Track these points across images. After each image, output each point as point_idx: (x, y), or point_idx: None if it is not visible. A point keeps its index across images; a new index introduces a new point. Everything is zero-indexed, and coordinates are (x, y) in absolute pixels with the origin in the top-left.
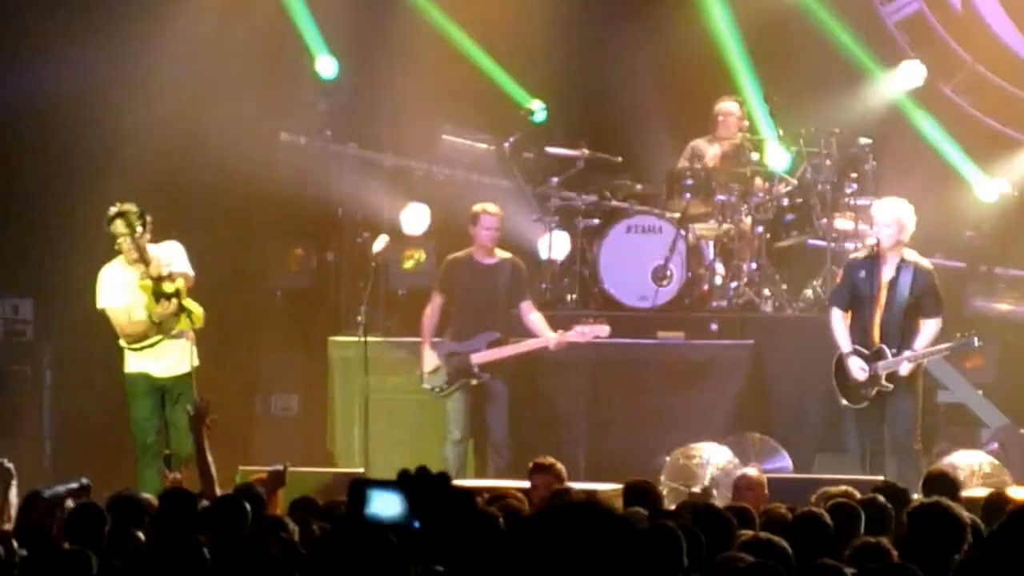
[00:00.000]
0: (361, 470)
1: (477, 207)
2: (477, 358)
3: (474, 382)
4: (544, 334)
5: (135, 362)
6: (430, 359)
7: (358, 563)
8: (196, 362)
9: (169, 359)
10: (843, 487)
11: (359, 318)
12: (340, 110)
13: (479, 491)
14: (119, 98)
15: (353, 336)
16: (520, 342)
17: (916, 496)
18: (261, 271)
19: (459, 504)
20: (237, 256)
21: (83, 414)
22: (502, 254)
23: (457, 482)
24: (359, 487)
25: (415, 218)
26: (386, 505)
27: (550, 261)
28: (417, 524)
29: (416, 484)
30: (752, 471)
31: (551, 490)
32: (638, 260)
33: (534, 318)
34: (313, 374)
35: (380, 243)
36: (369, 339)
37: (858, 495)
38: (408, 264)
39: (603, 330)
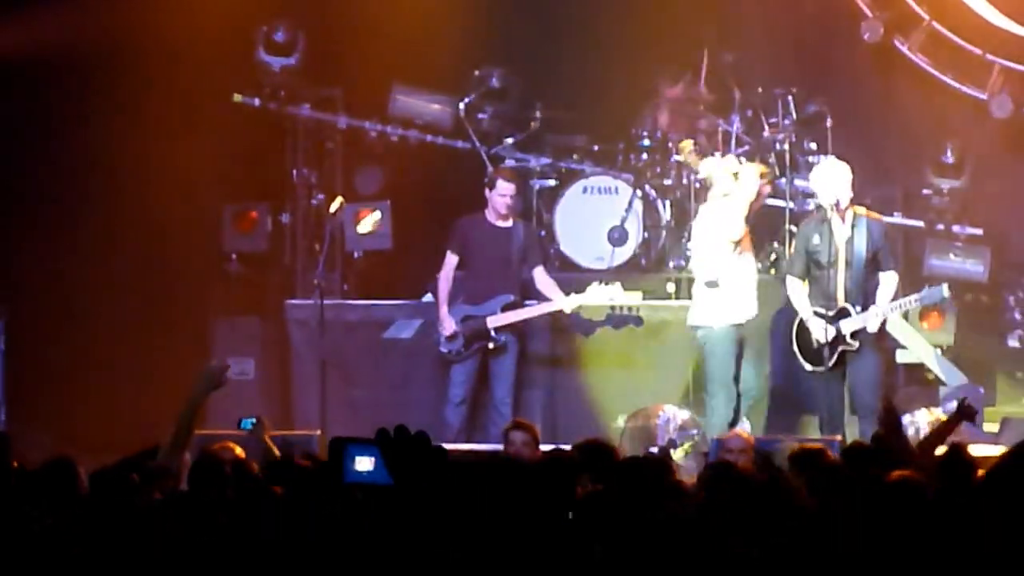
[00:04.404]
0: (318, 432)
1: (494, 171)
2: (493, 321)
3: (491, 345)
4: (557, 297)
5: None
6: (448, 323)
7: None
8: None
9: None
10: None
11: (315, 280)
12: (294, 71)
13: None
14: (71, 65)
15: (309, 299)
16: (535, 305)
17: None
18: (215, 234)
19: (435, 462)
20: (191, 219)
21: (37, 382)
22: (514, 217)
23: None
24: (338, 446)
25: (369, 179)
26: (363, 463)
27: None
28: (391, 481)
29: (394, 443)
30: (743, 432)
31: (529, 448)
32: (594, 221)
33: (547, 282)
34: (269, 337)
35: (335, 205)
36: (325, 301)
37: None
38: (363, 226)
39: (617, 291)
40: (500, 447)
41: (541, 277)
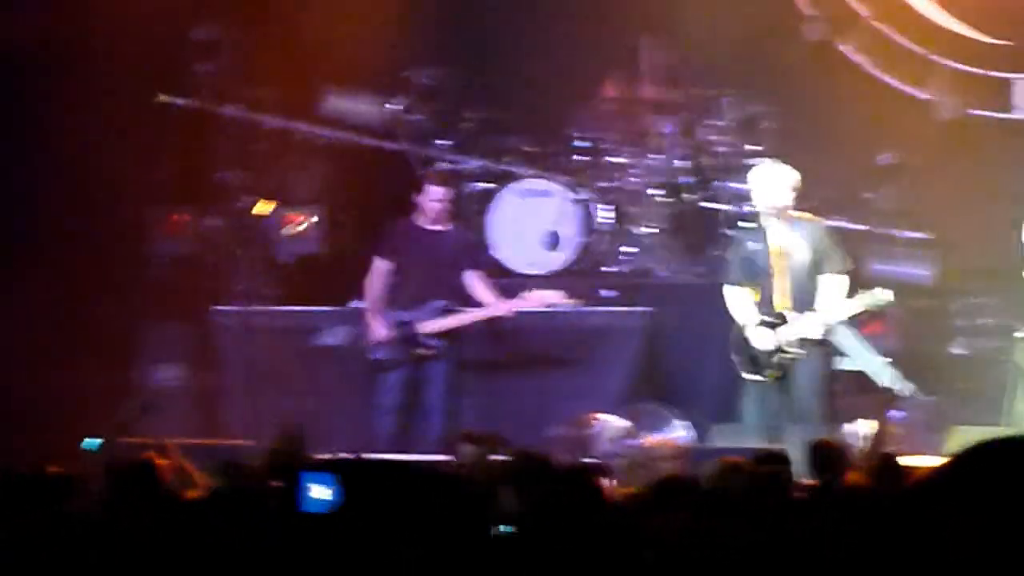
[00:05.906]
0: (251, 442)
1: (424, 173)
2: (426, 328)
3: (424, 352)
4: (492, 302)
5: None
6: (379, 329)
7: None
8: None
9: None
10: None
11: (243, 286)
12: (221, 70)
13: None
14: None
15: (237, 304)
16: (469, 311)
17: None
18: (138, 237)
19: (394, 485)
20: (114, 222)
21: None
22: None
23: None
24: (293, 471)
25: (299, 182)
26: (319, 490)
27: None
28: (337, 504)
29: (350, 469)
30: (676, 439)
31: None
32: (528, 225)
33: (482, 287)
34: (195, 343)
35: (263, 208)
36: (253, 307)
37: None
38: (292, 230)
39: (555, 295)
40: (433, 457)
41: (475, 282)
